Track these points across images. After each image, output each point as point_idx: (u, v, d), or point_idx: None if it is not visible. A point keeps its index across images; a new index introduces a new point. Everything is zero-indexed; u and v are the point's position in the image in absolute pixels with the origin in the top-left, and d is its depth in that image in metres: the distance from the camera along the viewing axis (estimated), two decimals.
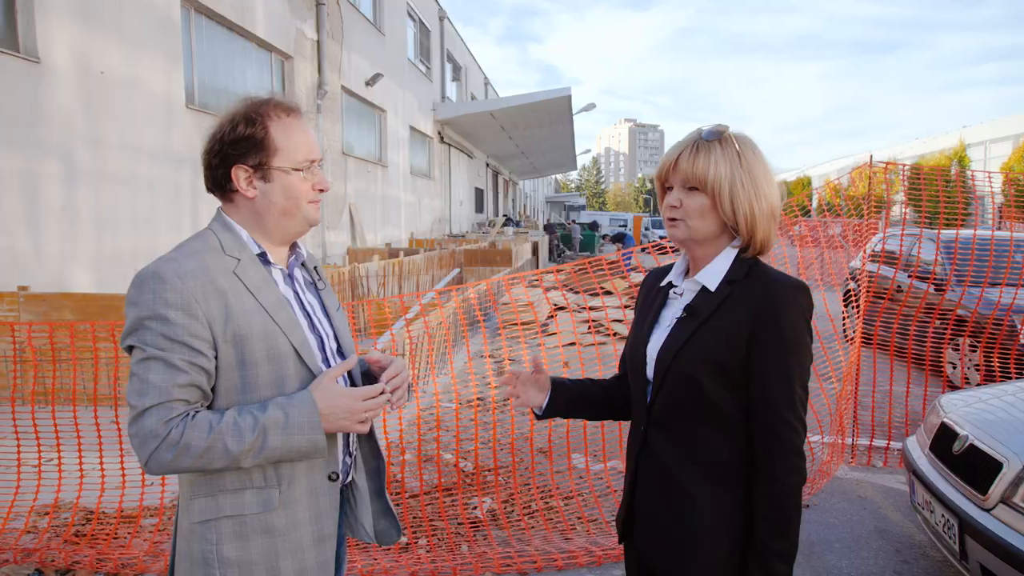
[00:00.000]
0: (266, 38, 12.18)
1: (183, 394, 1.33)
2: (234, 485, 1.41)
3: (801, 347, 1.42)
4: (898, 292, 6.39)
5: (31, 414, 3.54)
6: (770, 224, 1.50)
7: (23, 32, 7.01)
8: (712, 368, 1.44)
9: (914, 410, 5.09)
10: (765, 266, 1.51)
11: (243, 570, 1.41)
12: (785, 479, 1.40)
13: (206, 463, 1.33)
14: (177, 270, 1.35)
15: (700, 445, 1.48)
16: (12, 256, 6.75)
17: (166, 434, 1.30)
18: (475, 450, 4.12)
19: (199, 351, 1.34)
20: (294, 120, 1.50)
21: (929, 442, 3.37)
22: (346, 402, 1.42)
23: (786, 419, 1.41)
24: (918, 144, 35.03)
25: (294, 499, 1.45)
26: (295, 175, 1.49)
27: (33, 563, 3.28)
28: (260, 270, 1.47)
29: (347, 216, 15.87)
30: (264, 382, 1.42)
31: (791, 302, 1.42)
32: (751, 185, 1.46)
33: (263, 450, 1.35)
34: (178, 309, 1.33)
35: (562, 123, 27.85)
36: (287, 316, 1.46)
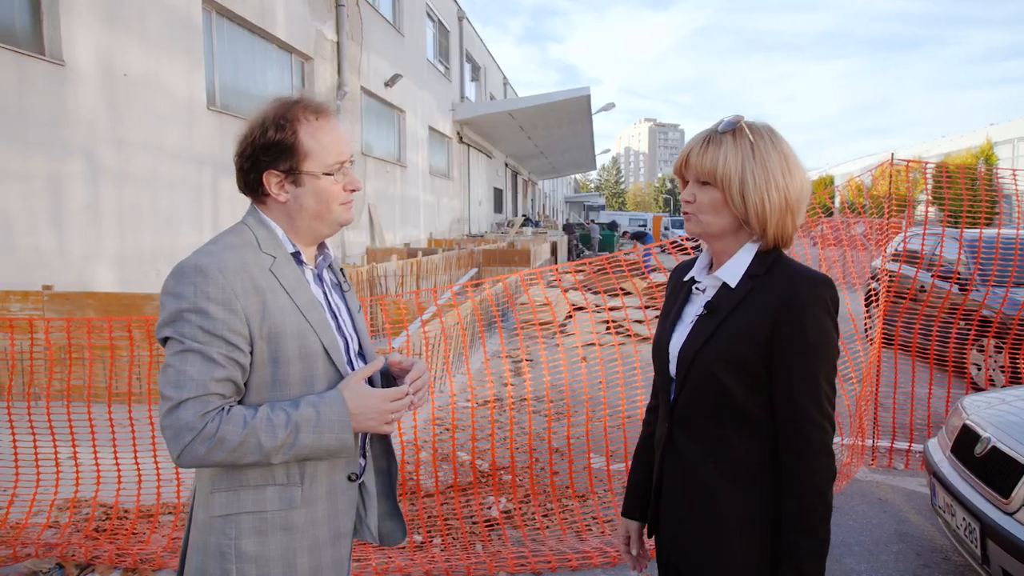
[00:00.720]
0: (286, 40, 12.28)
1: (219, 388, 1.34)
2: (256, 481, 1.42)
3: (826, 343, 1.39)
4: (921, 292, 6.29)
5: (46, 410, 3.60)
6: (785, 217, 1.45)
7: (48, 35, 7.13)
8: (733, 366, 1.41)
9: (936, 411, 5.00)
10: (788, 260, 1.46)
11: (260, 566, 1.41)
12: (814, 478, 1.37)
13: (238, 457, 1.33)
14: (219, 265, 1.36)
15: (723, 444, 1.45)
16: (37, 256, 6.86)
17: (202, 427, 1.30)
18: (491, 449, 4.12)
19: (236, 346, 1.35)
20: (323, 122, 1.49)
21: (951, 444, 3.31)
22: (375, 403, 1.43)
23: (812, 417, 1.37)
24: (944, 142, 34.50)
25: (315, 497, 1.46)
26: (326, 179, 1.48)
27: (54, 557, 3.33)
28: (295, 269, 1.49)
29: (366, 216, 15.96)
30: (294, 380, 1.43)
31: (815, 297, 1.38)
32: (763, 177, 1.42)
33: (294, 447, 1.36)
34: (219, 304, 1.34)
35: (581, 123, 27.79)
36: (319, 316, 1.48)
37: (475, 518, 3.86)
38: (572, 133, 30.31)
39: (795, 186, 1.44)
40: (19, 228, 6.67)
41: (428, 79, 21.71)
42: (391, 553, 3.50)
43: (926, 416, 4.88)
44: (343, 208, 1.53)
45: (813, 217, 5.30)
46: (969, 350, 5.00)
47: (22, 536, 3.52)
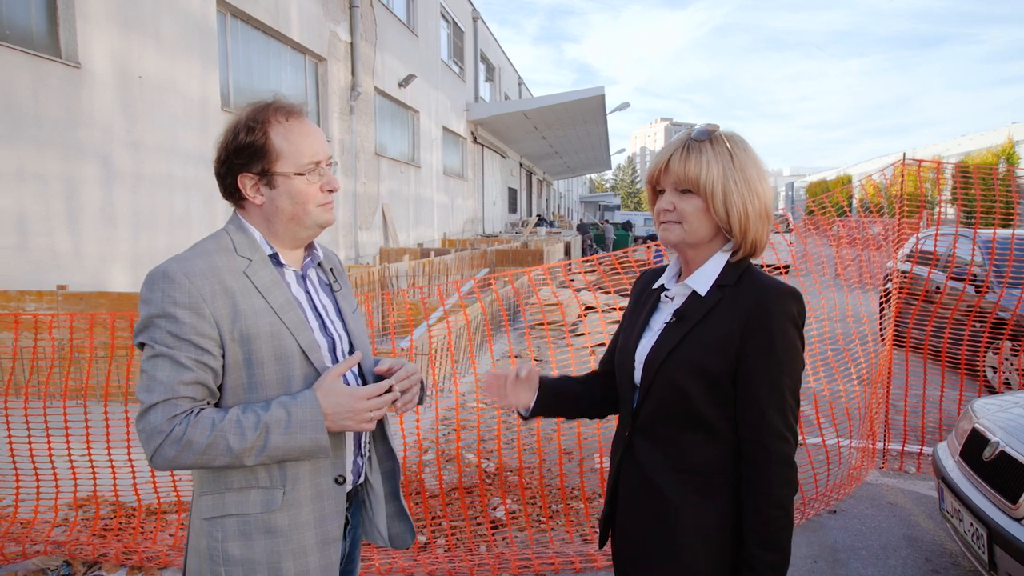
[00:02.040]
0: (300, 41, 12.36)
1: (188, 391, 1.35)
2: (240, 484, 1.43)
3: (792, 355, 1.38)
4: (935, 292, 6.21)
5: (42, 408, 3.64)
6: (763, 225, 1.45)
7: (64, 39, 7.22)
8: (699, 376, 1.40)
9: (949, 414, 4.94)
10: (758, 271, 1.47)
11: (246, 569, 1.41)
12: (775, 491, 1.36)
13: (208, 460, 1.34)
14: (186, 269, 1.37)
15: (685, 454, 1.44)
16: (52, 256, 6.95)
17: (170, 431, 1.32)
18: (498, 450, 4.12)
19: (205, 349, 1.36)
20: (294, 123, 1.48)
21: (960, 448, 3.27)
22: (349, 401, 1.41)
23: (776, 429, 1.37)
24: (964, 141, 34.10)
25: (298, 501, 1.45)
26: (299, 179, 1.47)
27: (62, 554, 3.37)
28: (271, 271, 1.48)
29: (380, 216, 16.01)
30: (270, 381, 1.42)
31: (782, 309, 1.38)
32: (744, 185, 1.42)
33: (265, 448, 1.36)
34: (186, 308, 1.35)
35: (596, 122, 27.74)
36: (295, 316, 1.46)
37: (480, 519, 3.86)
38: (587, 133, 30.26)
39: (767, 194, 1.46)
40: (34, 229, 6.77)
41: (442, 79, 21.75)
42: (395, 554, 3.51)
43: (938, 419, 4.81)
44: (321, 209, 1.51)
45: (827, 217, 5.25)
46: (983, 352, 4.93)
47: (32, 534, 3.56)
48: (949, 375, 4.88)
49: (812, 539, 3.72)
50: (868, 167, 41.86)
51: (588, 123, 27.67)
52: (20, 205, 6.63)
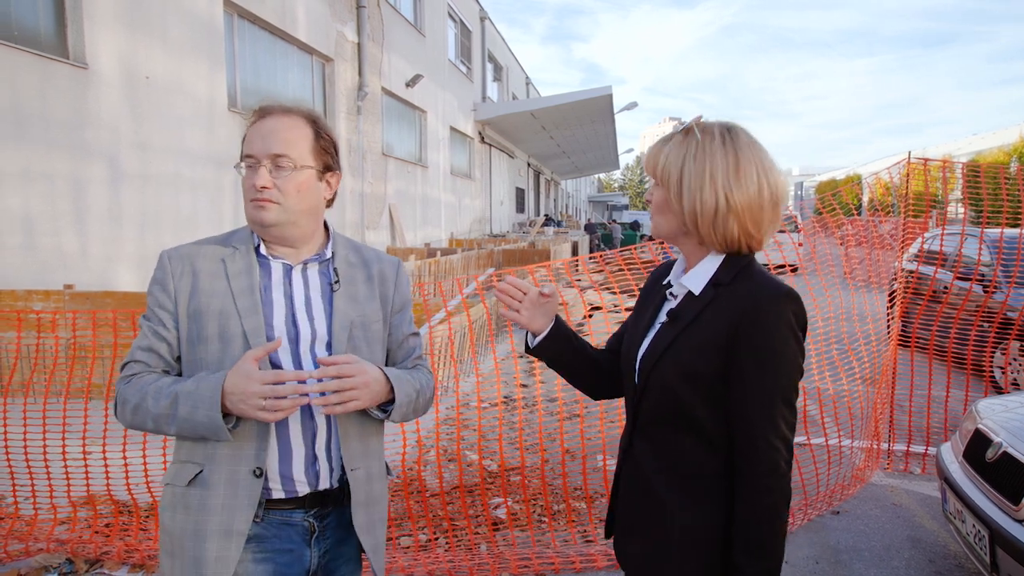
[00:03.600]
0: (307, 41, 12.39)
1: (142, 356, 1.49)
2: (181, 457, 1.51)
3: (785, 360, 1.31)
4: (942, 292, 6.16)
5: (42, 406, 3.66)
6: (726, 222, 1.36)
7: (72, 40, 7.27)
8: (691, 378, 1.36)
9: (955, 414, 4.90)
10: (756, 270, 1.39)
11: (170, 538, 1.49)
12: (763, 499, 1.31)
13: (140, 421, 1.45)
14: (172, 253, 1.54)
15: (679, 456, 1.41)
16: (59, 256, 7.00)
17: (119, 390, 1.48)
18: (500, 449, 4.11)
19: (161, 320, 1.50)
20: (257, 119, 1.55)
21: (963, 449, 3.24)
22: (243, 382, 1.35)
23: (766, 436, 1.31)
24: (976, 140, 33.84)
25: (210, 482, 1.46)
26: (240, 171, 1.55)
27: (65, 552, 3.39)
28: (249, 260, 1.54)
29: (387, 216, 16.04)
30: (212, 360, 1.47)
31: (775, 311, 1.31)
32: (699, 177, 1.35)
33: (175, 419, 1.41)
34: (158, 283, 1.52)
35: (604, 122, 27.70)
36: (250, 301, 1.50)
37: (481, 518, 3.86)
38: (594, 132, 30.22)
39: (744, 188, 1.35)
40: (42, 228, 6.81)
41: (450, 79, 21.77)
42: (395, 553, 3.51)
43: (943, 419, 4.77)
44: (251, 205, 1.51)
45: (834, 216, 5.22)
46: (989, 352, 4.89)
47: (35, 531, 3.58)
48: (955, 375, 4.83)
49: (814, 540, 3.70)
50: (878, 166, 41.60)
51: (596, 123, 27.63)
52: (27, 205, 6.68)
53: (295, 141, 1.50)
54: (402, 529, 3.74)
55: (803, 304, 1.34)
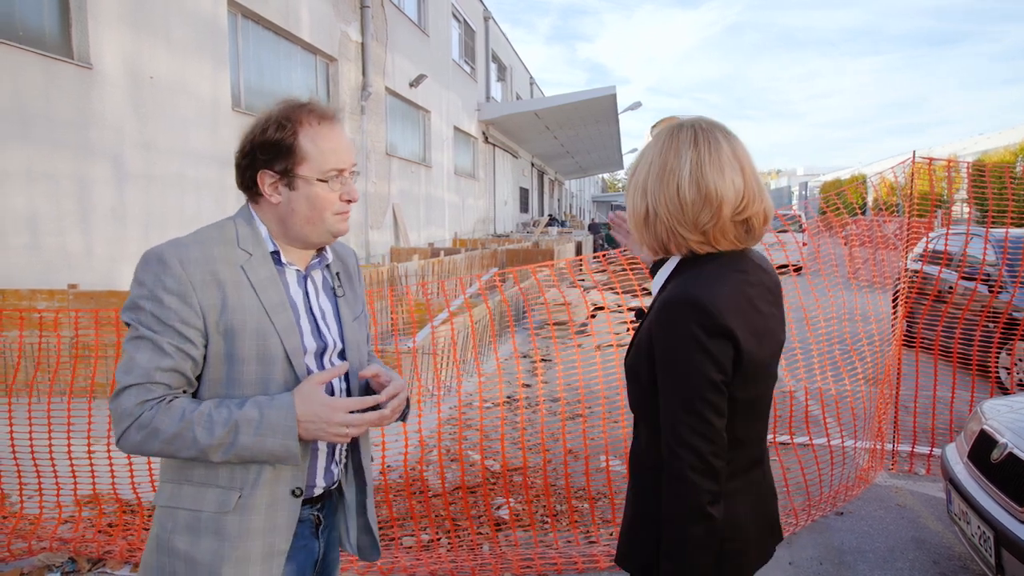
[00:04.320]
0: (311, 41, 12.40)
1: (164, 378, 1.34)
2: (200, 479, 1.40)
3: (680, 370, 1.30)
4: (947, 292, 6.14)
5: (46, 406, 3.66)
6: (656, 228, 1.39)
7: (77, 40, 7.28)
8: (631, 376, 1.44)
9: (960, 415, 4.87)
10: (685, 276, 1.38)
11: (189, 566, 1.38)
12: (669, 504, 1.32)
13: (175, 450, 1.33)
14: (181, 256, 1.36)
15: (642, 447, 1.49)
16: (64, 256, 7.01)
17: (139, 415, 1.32)
18: (502, 449, 4.11)
19: (188, 338, 1.35)
20: (326, 128, 1.46)
21: (968, 449, 3.22)
22: (325, 411, 1.36)
23: (670, 443, 1.32)
24: (982, 140, 33.72)
25: (251, 506, 1.40)
26: (320, 185, 1.44)
27: (67, 551, 3.39)
28: (269, 268, 1.46)
29: (391, 216, 16.05)
30: (249, 380, 1.40)
31: (670, 320, 1.32)
32: (635, 179, 1.43)
33: (233, 447, 1.33)
34: (174, 294, 1.34)
35: (608, 122, 27.67)
36: (285, 318, 1.43)
37: (484, 518, 3.86)
38: (599, 132, 30.19)
39: (666, 193, 1.37)
40: (46, 228, 6.83)
41: (453, 79, 21.77)
42: (397, 553, 3.51)
43: (948, 420, 4.75)
44: (337, 218, 1.49)
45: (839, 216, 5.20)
46: (994, 352, 4.86)
47: (38, 530, 3.59)
48: (960, 376, 4.81)
49: (818, 541, 3.69)
50: (883, 166, 41.49)
51: (600, 123, 27.60)
52: (32, 205, 6.69)
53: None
54: (405, 529, 3.74)
55: (712, 311, 1.29)
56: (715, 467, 1.30)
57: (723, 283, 1.34)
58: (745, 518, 1.42)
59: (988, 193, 4.64)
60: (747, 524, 1.42)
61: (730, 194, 1.35)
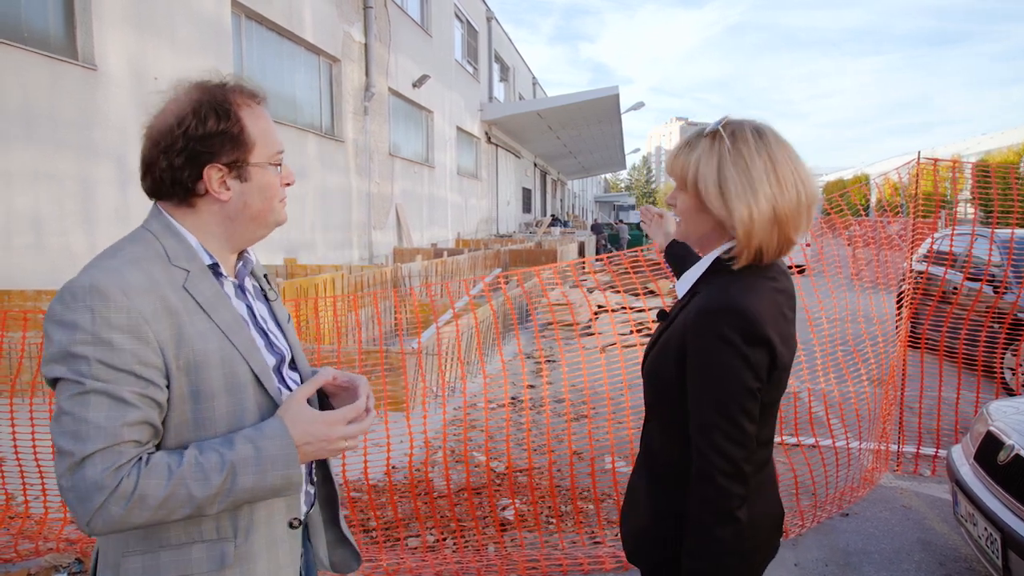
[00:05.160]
0: (314, 42, 12.42)
1: (134, 434, 1.09)
2: (179, 539, 1.19)
3: (717, 376, 1.28)
4: (952, 292, 6.13)
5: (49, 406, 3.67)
6: (771, 230, 1.33)
7: (81, 41, 7.30)
8: (656, 378, 1.42)
9: (965, 416, 4.87)
10: (722, 281, 1.36)
11: None
12: (698, 508, 1.31)
13: (166, 515, 1.09)
14: (122, 284, 1.11)
15: (658, 448, 1.48)
16: (68, 256, 7.03)
17: (115, 485, 1.05)
18: (507, 450, 4.11)
19: (151, 381, 1.11)
20: (261, 108, 1.32)
21: (974, 451, 3.22)
22: (321, 429, 1.22)
23: (700, 448, 1.30)
24: (985, 139, 33.71)
25: (251, 553, 1.24)
26: (271, 170, 1.30)
27: (74, 552, 3.40)
28: (212, 284, 1.25)
29: (393, 216, 16.06)
30: (220, 416, 1.20)
31: (708, 327, 1.29)
32: (744, 185, 1.32)
33: (231, 492, 1.13)
34: (124, 332, 1.09)
35: (610, 122, 27.68)
36: (245, 338, 1.26)
37: (489, 519, 3.86)
38: (601, 133, 30.20)
39: (786, 195, 1.33)
40: (51, 228, 6.85)
41: (456, 80, 21.78)
42: (403, 554, 3.51)
43: (954, 421, 4.74)
44: (281, 205, 1.35)
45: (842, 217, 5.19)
46: (999, 353, 4.86)
47: (44, 531, 3.60)
48: (966, 376, 4.80)
49: (823, 542, 3.68)
50: (886, 166, 41.43)
51: (603, 123, 27.61)
52: (37, 205, 6.71)
53: None
54: (410, 530, 3.74)
55: (753, 318, 1.28)
56: (745, 472, 1.30)
57: (760, 292, 1.33)
58: (760, 517, 1.43)
59: (994, 194, 4.63)
60: (761, 522, 1.43)
61: (815, 195, 1.39)
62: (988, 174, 4.80)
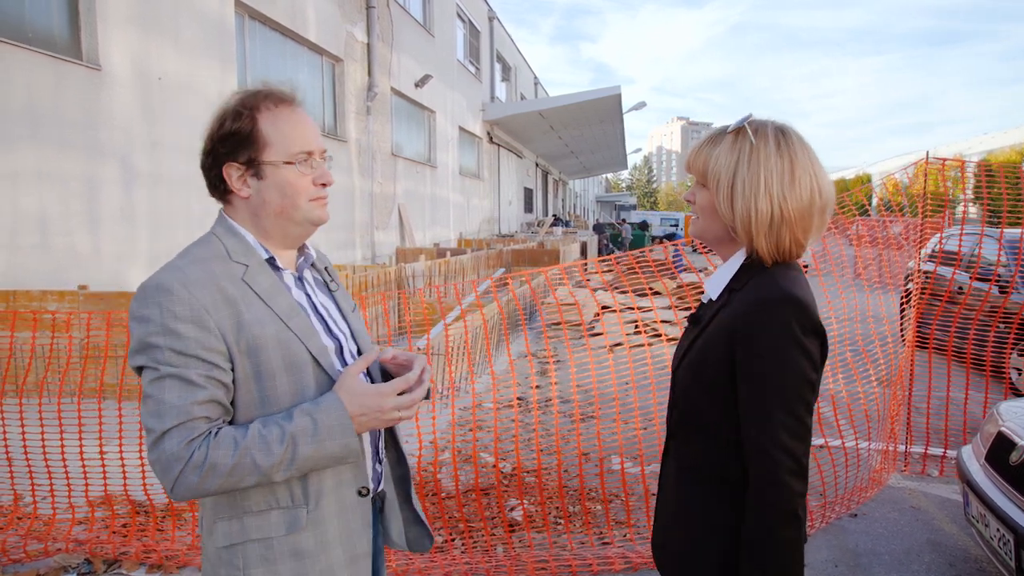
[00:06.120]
0: (317, 42, 12.42)
1: (203, 411, 1.24)
2: (259, 506, 1.33)
3: (781, 371, 1.25)
4: (958, 293, 6.12)
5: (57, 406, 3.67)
6: (780, 230, 1.31)
7: (85, 41, 7.30)
8: (702, 383, 1.35)
9: (973, 416, 4.85)
10: (767, 275, 1.33)
11: None
12: (764, 511, 1.27)
13: (236, 482, 1.24)
14: (183, 279, 1.26)
15: (701, 461, 1.40)
16: (73, 256, 7.03)
17: (189, 456, 1.21)
18: (516, 450, 4.10)
19: (215, 364, 1.26)
20: (285, 110, 1.39)
21: (985, 452, 3.21)
22: (374, 400, 1.32)
23: (764, 447, 1.26)
24: (987, 139, 33.61)
25: (323, 518, 1.36)
26: (288, 169, 1.37)
27: (83, 552, 3.40)
28: (270, 275, 1.38)
29: (396, 216, 16.06)
30: (283, 393, 1.33)
31: (770, 320, 1.26)
32: (753, 182, 1.30)
33: (294, 461, 1.26)
34: (188, 322, 1.24)
35: (612, 122, 27.67)
36: (302, 322, 1.38)
37: (498, 520, 3.85)
38: (603, 132, 30.18)
39: (797, 196, 1.31)
40: (55, 228, 6.84)
41: (458, 80, 21.77)
42: (411, 555, 3.50)
43: (961, 421, 4.73)
44: (313, 205, 1.41)
45: (848, 216, 5.18)
46: (1008, 353, 4.85)
47: (53, 531, 3.59)
48: (973, 377, 4.79)
49: (833, 543, 3.67)
50: (888, 165, 41.34)
51: (604, 122, 27.60)
52: (42, 205, 6.71)
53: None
54: None
55: (809, 309, 1.27)
56: (805, 467, 1.28)
57: (802, 284, 1.32)
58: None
59: (1003, 194, 4.62)
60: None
61: (832, 199, 1.37)
62: (995, 174, 4.79)
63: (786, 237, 1.32)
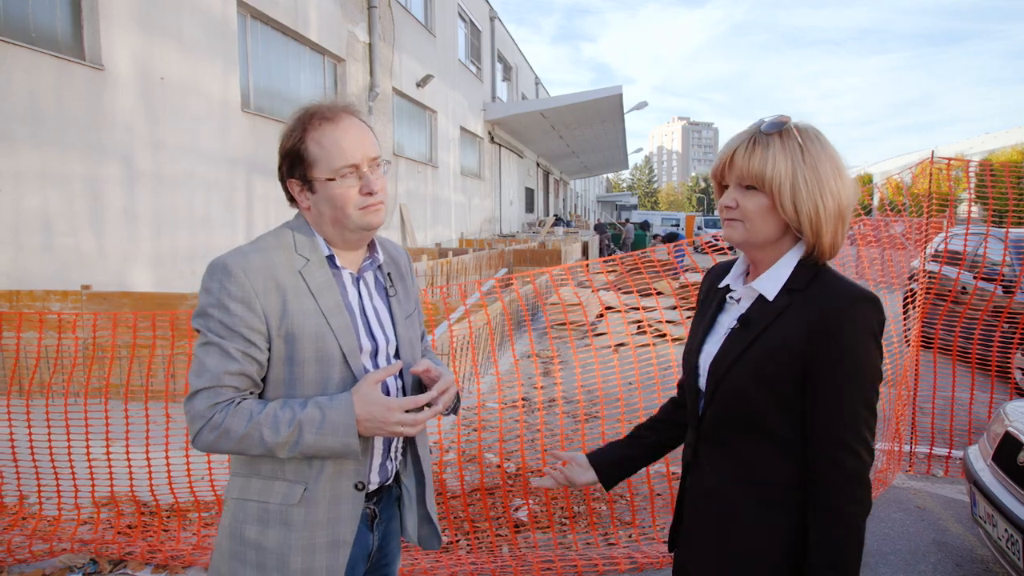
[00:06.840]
0: (319, 42, 12.42)
1: (233, 381, 1.41)
2: (268, 473, 1.49)
3: (867, 367, 1.29)
4: (963, 293, 6.11)
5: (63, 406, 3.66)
6: (838, 225, 1.35)
7: (88, 41, 7.30)
8: (764, 386, 1.33)
9: (978, 417, 4.85)
10: (832, 274, 1.36)
11: (259, 553, 1.48)
12: (844, 509, 1.27)
13: (244, 448, 1.41)
14: (244, 265, 1.43)
15: (751, 463, 1.38)
16: (77, 256, 7.03)
17: (210, 416, 1.39)
18: (521, 450, 4.10)
19: (253, 343, 1.42)
20: (328, 127, 1.48)
21: (992, 452, 3.21)
22: (381, 411, 1.42)
23: (847, 443, 1.28)
24: (988, 139, 33.58)
25: (315, 499, 1.48)
26: (332, 184, 1.47)
27: (88, 552, 3.39)
28: (326, 273, 1.52)
29: (398, 216, 16.06)
30: (309, 380, 1.47)
31: (855, 317, 1.28)
32: (815, 182, 1.32)
33: (298, 445, 1.41)
34: (239, 302, 1.41)
35: (613, 122, 27.65)
36: (341, 320, 1.49)
37: (503, 520, 3.85)
38: (604, 132, 30.17)
39: (846, 192, 1.36)
40: (59, 229, 6.84)
41: (460, 79, 21.77)
42: (417, 555, 3.50)
43: (967, 421, 4.73)
44: (363, 212, 1.50)
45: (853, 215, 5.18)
46: (1014, 354, 4.84)
47: (58, 532, 3.59)
48: (978, 377, 4.79)
49: None
50: (890, 165, 41.29)
51: (605, 122, 27.59)
52: (45, 205, 6.71)
53: (374, 139, 1.55)
54: None
55: (882, 307, 1.32)
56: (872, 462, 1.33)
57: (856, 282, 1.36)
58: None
59: (1009, 194, 4.62)
60: None
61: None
62: (998, 174, 4.78)
63: (840, 231, 1.37)
